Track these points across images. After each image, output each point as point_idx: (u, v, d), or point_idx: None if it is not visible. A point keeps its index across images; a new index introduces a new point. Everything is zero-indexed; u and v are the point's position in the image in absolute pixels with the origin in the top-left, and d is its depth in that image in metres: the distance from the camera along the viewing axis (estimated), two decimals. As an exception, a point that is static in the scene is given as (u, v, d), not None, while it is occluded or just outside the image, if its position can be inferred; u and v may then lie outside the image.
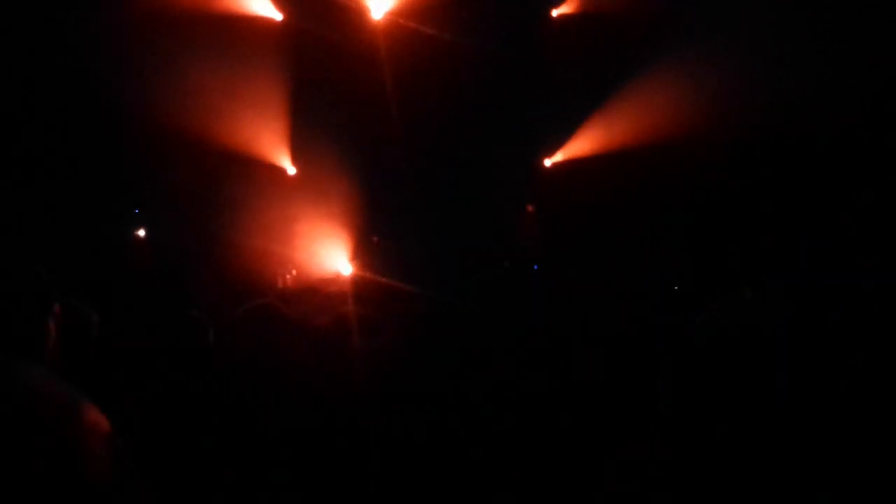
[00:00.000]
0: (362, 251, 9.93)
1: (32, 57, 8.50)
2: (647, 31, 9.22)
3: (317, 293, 6.24)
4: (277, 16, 10.40)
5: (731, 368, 1.62)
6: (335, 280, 8.69)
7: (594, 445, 2.19)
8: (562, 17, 10.64)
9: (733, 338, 1.96)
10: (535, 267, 9.59)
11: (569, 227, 10.11)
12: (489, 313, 3.42)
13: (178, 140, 9.18)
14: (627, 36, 9.44)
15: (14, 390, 1.24)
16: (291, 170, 10.71)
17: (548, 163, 11.27)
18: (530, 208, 10.67)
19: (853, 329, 2.02)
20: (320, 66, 10.20)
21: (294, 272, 9.74)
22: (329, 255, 9.83)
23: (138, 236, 10.25)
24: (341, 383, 2.04)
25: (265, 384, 2.59)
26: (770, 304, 2.28)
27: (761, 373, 1.54)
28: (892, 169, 7.16)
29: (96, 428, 1.32)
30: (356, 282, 8.06)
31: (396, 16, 10.29)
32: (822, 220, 7.42)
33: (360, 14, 10.29)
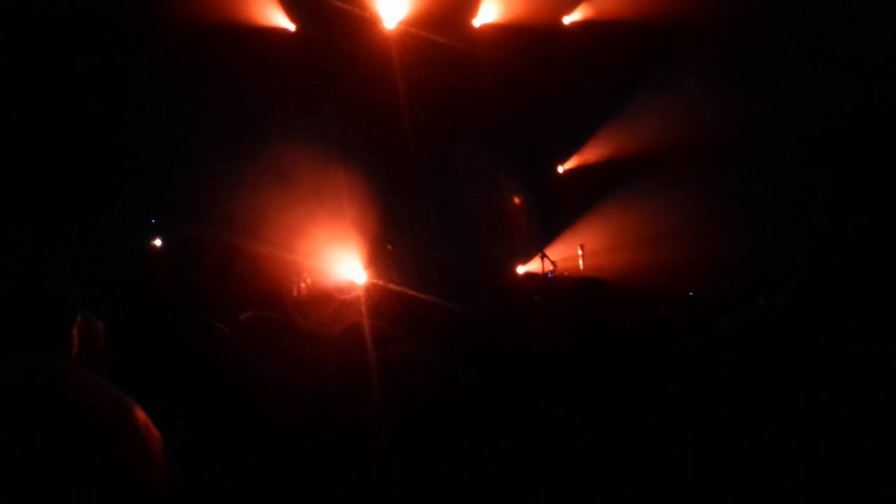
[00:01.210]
0: (377, 259, 9.94)
1: (60, 71, 8.66)
2: (659, 42, 9.23)
3: (331, 301, 6.25)
4: (291, 26, 10.47)
5: (745, 377, 1.61)
6: (350, 288, 8.70)
7: (612, 460, 2.17)
8: (573, 28, 10.66)
9: (747, 346, 1.95)
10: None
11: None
12: (505, 322, 3.41)
13: (192, 148, 9.26)
14: (639, 46, 9.44)
15: (72, 390, 1.25)
16: (306, 179, 10.73)
17: (560, 170, 11.27)
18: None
19: (864, 334, 2.01)
20: (333, 76, 10.25)
21: (309, 280, 9.76)
22: (344, 263, 9.84)
23: (154, 246, 10.32)
24: (355, 393, 2.03)
25: (274, 393, 2.59)
26: (783, 312, 2.27)
27: (774, 382, 1.53)
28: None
29: (149, 428, 1.34)
30: (371, 290, 8.07)
31: (409, 26, 10.33)
32: (833, 226, 7.38)
33: (372, 24, 10.33)
